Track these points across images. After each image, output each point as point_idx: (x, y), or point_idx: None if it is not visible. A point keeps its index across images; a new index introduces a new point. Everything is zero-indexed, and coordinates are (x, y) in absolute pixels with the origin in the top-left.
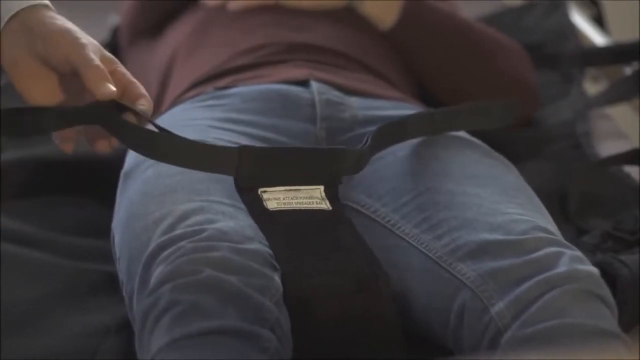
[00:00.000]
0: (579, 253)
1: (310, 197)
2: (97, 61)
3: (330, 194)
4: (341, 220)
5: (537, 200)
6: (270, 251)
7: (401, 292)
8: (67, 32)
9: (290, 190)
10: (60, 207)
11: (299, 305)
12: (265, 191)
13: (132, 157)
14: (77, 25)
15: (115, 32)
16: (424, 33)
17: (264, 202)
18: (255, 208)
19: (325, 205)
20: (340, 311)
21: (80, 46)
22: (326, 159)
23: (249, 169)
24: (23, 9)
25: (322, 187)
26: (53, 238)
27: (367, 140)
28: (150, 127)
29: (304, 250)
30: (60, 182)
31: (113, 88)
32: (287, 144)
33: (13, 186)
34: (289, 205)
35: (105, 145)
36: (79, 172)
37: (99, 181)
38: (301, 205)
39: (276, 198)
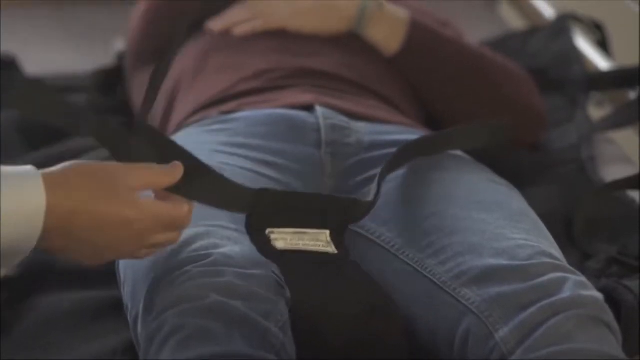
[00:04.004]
0: (583, 278)
1: (317, 240)
2: None
3: (337, 239)
4: (347, 262)
5: (541, 225)
6: (275, 276)
7: (406, 317)
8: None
9: (297, 232)
10: None
11: (311, 332)
12: (272, 232)
13: None
14: (83, 50)
15: (121, 57)
16: (429, 59)
17: (272, 242)
18: (264, 247)
19: (331, 248)
20: (354, 336)
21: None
22: (338, 207)
23: (264, 210)
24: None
25: (328, 232)
26: (57, 264)
27: (378, 191)
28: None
29: (314, 283)
30: None
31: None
32: (292, 168)
33: None
34: (295, 246)
35: None
36: None
37: None
38: (307, 247)
39: (284, 238)
